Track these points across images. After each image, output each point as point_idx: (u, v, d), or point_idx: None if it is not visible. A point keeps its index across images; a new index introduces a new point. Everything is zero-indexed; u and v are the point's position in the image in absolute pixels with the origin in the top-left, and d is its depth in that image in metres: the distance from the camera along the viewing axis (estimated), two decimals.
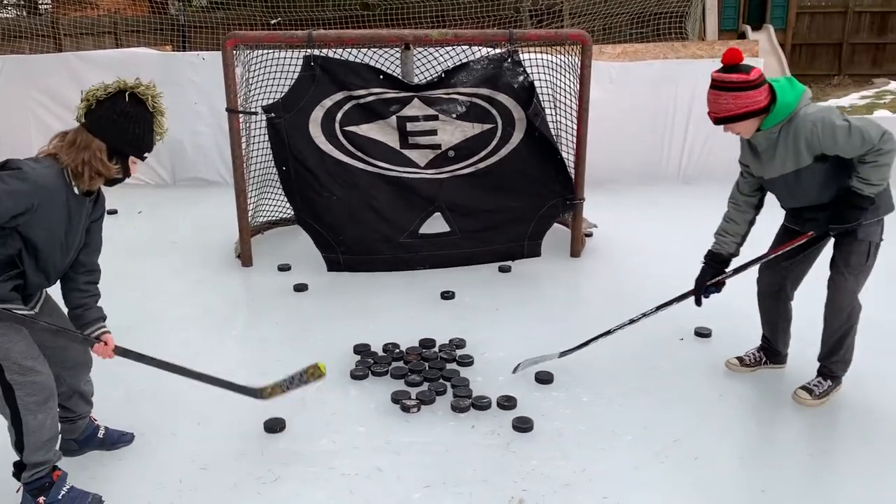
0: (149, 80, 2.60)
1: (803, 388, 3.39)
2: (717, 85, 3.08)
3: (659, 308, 3.59)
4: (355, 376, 3.67)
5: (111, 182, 2.61)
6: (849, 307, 3.24)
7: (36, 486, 2.61)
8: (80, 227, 2.60)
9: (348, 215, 5.12)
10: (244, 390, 3.08)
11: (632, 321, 3.60)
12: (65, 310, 2.77)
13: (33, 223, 2.39)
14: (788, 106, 3.03)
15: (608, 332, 3.65)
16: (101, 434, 3.01)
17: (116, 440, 3.04)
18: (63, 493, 2.65)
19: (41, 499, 2.61)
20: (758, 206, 3.42)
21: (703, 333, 4.16)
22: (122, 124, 2.50)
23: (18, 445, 2.56)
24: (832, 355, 3.36)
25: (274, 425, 3.21)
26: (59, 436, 2.68)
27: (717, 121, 3.14)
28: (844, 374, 3.41)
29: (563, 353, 3.71)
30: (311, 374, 2.99)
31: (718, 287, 3.48)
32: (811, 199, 3.20)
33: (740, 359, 3.73)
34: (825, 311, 3.31)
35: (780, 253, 3.33)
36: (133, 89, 2.51)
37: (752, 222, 3.43)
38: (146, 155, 2.63)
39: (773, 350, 3.70)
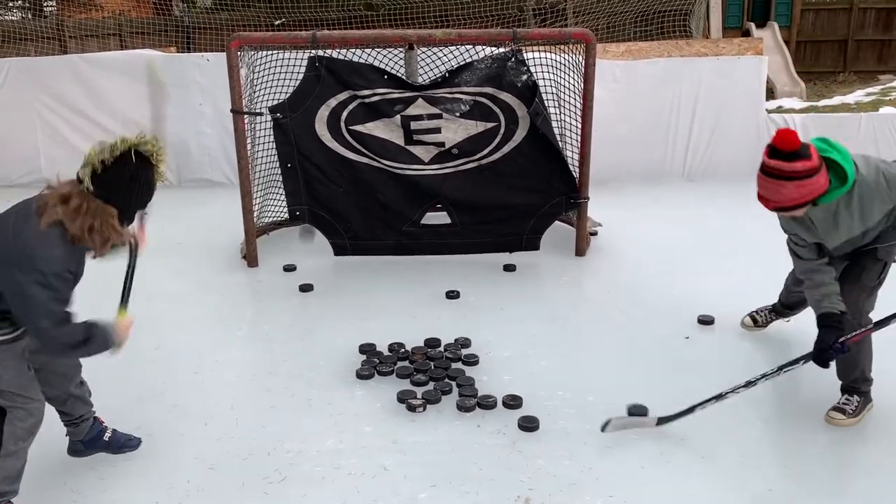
0: (149, 134, 2.55)
1: (835, 408, 3.26)
2: (777, 174, 2.80)
3: (782, 368, 3.21)
4: (361, 376, 3.68)
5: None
6: (854, 321, 3.13)
7: None
8: (83, 267, 2.58)
9: (354, 205, 5.26)
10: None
11: (749, 384, 3.21)
12: None
13: None
14: (852, 177, 2.86)
15: (719, 397, 3.21)
16: (107, 437, 2.98)
17: (122, 444, 3.02)
18: None
19: None
20: (830, 261, 3.20)
21: (706, 321, 4.18)
22: (134, 188, 2.45)
23: None
24: (849, 374, 3.28)
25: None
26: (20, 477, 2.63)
27: (777, 209, 2.94)
28: (869, 390, 3.31)
29: (660, 421, 3.21)
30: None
31: (845, 347, 3.05)
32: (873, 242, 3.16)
33: (753, 318, 3.96)
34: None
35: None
36: (137, 147, 2.44)
37: (836, 277, 3.17)
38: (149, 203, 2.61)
39: (785, 308, 3.91)
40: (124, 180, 2.42)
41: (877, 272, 3.14)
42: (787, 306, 3.93)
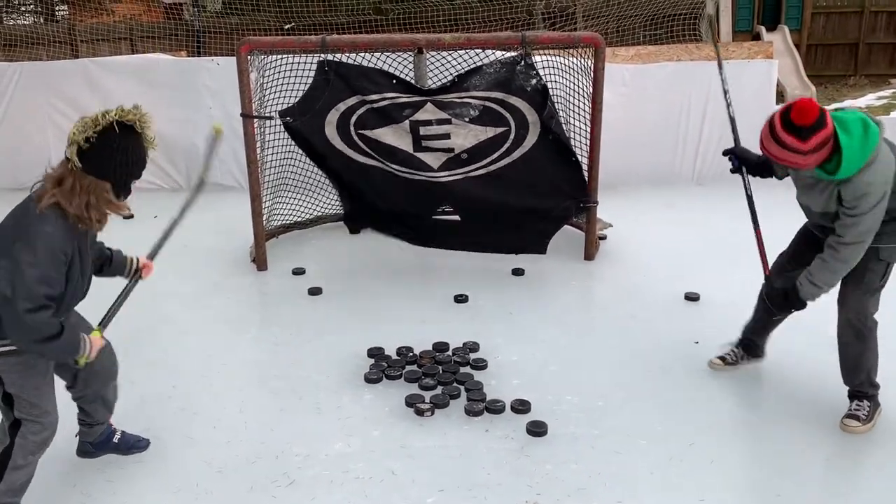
0: (131, 104, 2.53)
1: (849, 416, 3.24)
2: (772, 132, 2.86)
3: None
4: (369, 380, 3.68)
5: None
6: (858, 324, 3.15)
7: None
8: (89, 265, 2.60)
9: (367, 201, 5.34)
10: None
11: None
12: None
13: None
14: (850, 171, 2.83)
15: None
16: (116, 439, 3.01)
17: (131, 446, 3.04)
18: None
19: None
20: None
21: (692, 297, 4.43)
22: (123, 158, 2.42)
23: None
24: (854, 378, 3.26)
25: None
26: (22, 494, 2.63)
27: (772, 160, 3.02)
28: (878, 392, 3.29)
29: None
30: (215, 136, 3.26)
31: (736, 166, 3.54)
32: (822, 231, 3.18)
33: (723, 358, 3.73)
34: (837, 331, 3.24)
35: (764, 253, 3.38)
36: (121, 118, 2.42)
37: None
38: (143, 172, 2.58)
39: (753, 345, 3.70)
40: (111, 152, 2.39)
41: (879, 274, 3.11)
42: (754, 332, 3.70)
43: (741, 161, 3.54)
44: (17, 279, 2.28)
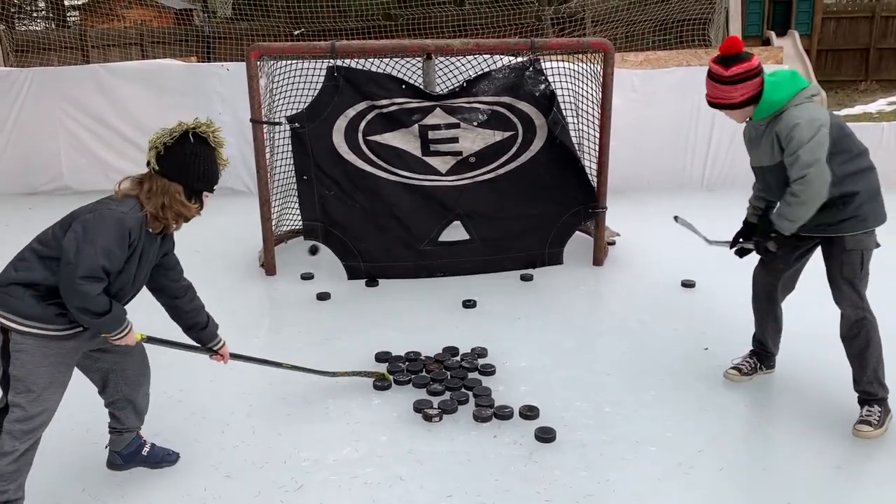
0: (206, 117, 2.72)
1: (861, 421, 3.22)
2: (710, 73, 3.13)
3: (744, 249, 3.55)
4: (377, 385, 3.68)
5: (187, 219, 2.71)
6: (855, 316, 3.17)
7: None
8: (148, 265, 2.70)
9: (370, 223, 5.18)
10: (317, 372, 3.58)
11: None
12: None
13: None
14: (774, 105, 3.07)
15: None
16: (145, 452, 2.98)
17: (160, 459, 3.02)
18: None
19: None
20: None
21: (688, 284, 4.60)
22: (194, 164, 2.60)
23: None
24: (861, 377, 3.25)
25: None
26: (22, 483, 2.59)
27: (710, 104, 3.22)
28: (888, 396, 3.27)
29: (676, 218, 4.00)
30: (378, 375, 3.71)
31: (741, 252, 3.55)
32: (779, 198, 3.22)
33: (738, 368, 3.69)
34: (840, 331, 3.25)
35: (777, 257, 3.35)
36: (195, 129, 2.59)
37: (770, 205, 3.40)
38: (215, 188, 2.73)
39: (764, 353, 3.69)
40: (184, 158, 2.58)
41: (856, 264, 3.15)
42: (762, 342, 3.69)
43: (744, 240, 3.51)
44: (83, 246, 2.41)
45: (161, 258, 2.79)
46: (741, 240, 3.50)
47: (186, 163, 2.58)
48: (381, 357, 3.95)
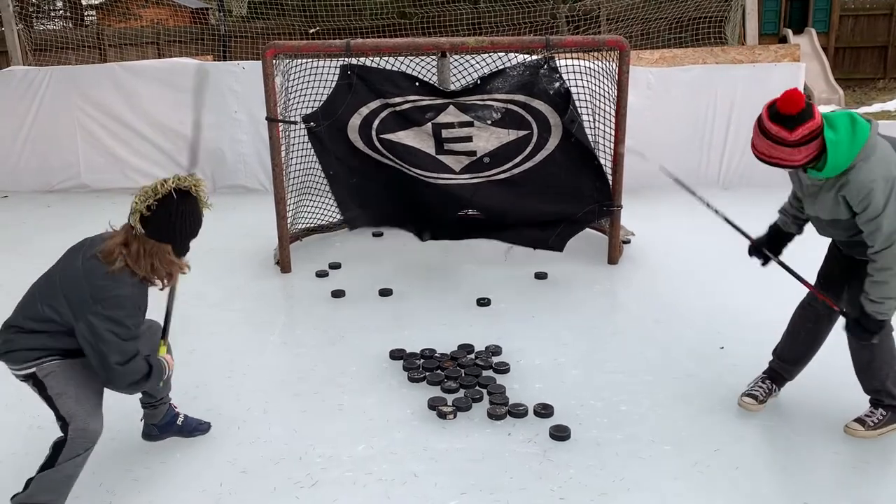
0: (184, 172, 2.73)
1: (857, 419, 3.18)
2: (759, 125, 2.80)
3: (727, 220, 3.54)
4: (412, 379, 3.70)
5: None
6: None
7: None
8: (147, 300, 2.76)
9: (389, 201, 5.32)
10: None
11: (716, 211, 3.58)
12: None
13: None
14: (837, 168, 2.75)
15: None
16: (179, 421, 3.14)
17: (194, 428, 3.19)
18: None
19: None
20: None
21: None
22: (181, 223, 2.61)
23: (47, 465, 2.62)
24: (868, 383, 3.20)
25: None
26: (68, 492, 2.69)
27: (761, 160, 2.90)
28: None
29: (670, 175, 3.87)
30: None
31: (765, 259, 3.35)
32: (844, 245, 3.08)
33: (753, 396, 3.40)
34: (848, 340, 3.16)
35: (824, 296, 3.17)
36: (178, 186, 2.58)
37: (803, 223, 3.27)
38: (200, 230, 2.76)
39: (783, 375, 3.45)
40: (170, 218, 2.57)
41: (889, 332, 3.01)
42: (784, 360, 3.45)
43: (766, 249, 3.35)
44: (103, 347, 2.51)
45: None
46: (764, 253, 3.31)
47: (173, 223, 2.59)
48: (396, 354, 3.96)
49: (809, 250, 3.33)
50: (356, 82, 4.99)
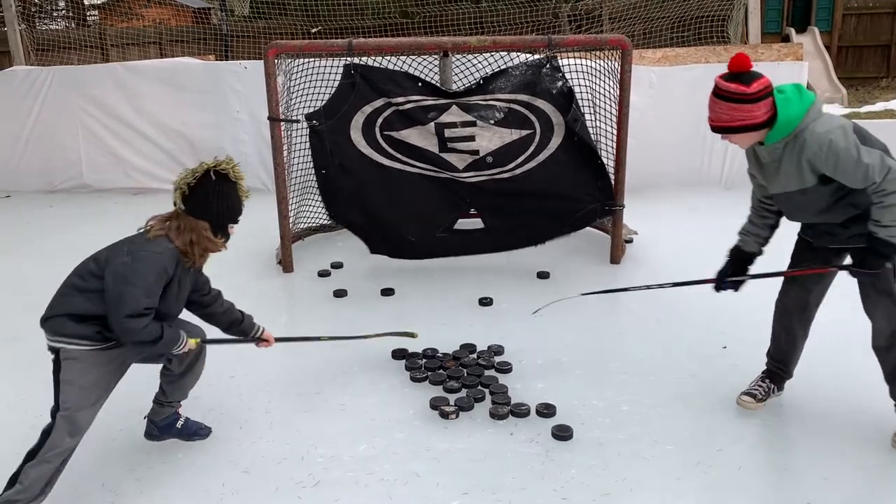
0: (225, 155, 2.92)
1: None
2: (715, 91, 2.90)
3: (675, 285, 3.62)
4: (414, 379, 3.71)
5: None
6: (889, 328, 3.04)
7: None
8: (186, 290, 2.91)
9: (387, 213, 5.26)
10: (351, 337, 3.80)
11: (647, 287, 3.65)
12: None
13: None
14: (791, 122, 2.82)
15: (625, 290, 3.69)
16: (179, 424, 3.16)
17: (193, 432, 3.19)
18: None
19: None
20: (780, 212, 3.23)
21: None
22: (217, 201, 2.78)
23: (30, 455, 2.67)
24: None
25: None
26: (53, 484, 2.71)
27: (713, 129, 2.96)
28: None
29: (585, 294, 3.85)
30: (408, 334, 3.86)
31: (736, 286, 3.38)
32: (818, 219, 3.04)
33: (752, 395, 3.41)
34: (872, 343, 3.14)
35: (804, 274, 3.19)
36: (215, 167, 2.76)
37: (774, 226, 3.28)
38: (240, 218, 2.91)
39: (782, 374, 3.45)
40: (207, 197, 2.75)
41: (889, 274, 2.96)
42: (775, 359, 3.48)
43: (733, 276, 3.38)
44: (125, 289, 2.60)
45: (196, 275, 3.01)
46: (730, 281, 3.33)
47: (210, 201, 2.76)
48: (398, 354, 3.96)
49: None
50: (359, 82, 5.00)
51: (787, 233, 3.33)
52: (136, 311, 2.59)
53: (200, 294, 3.06)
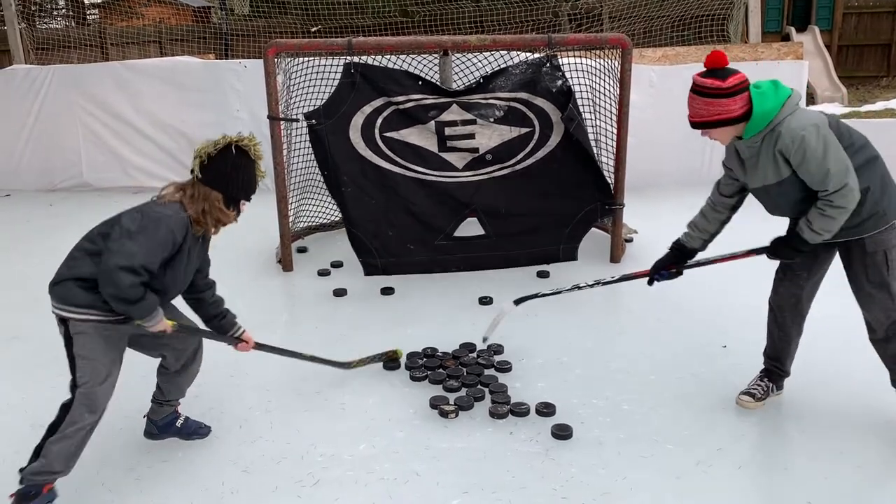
0: (248, 133, 2.92)
1: None
2: (693, 88, 2.99)
3: (615, 281, 3.72)
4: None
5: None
6: (888, 320, 3.04)
7: (25, 490, 2.67)
8: (194, 263, 2.90)
9: (386, 219, 5.19)
10: (335, 364, 3.63)
11: (589, 286, 3.72)
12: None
13: (168, 259, 2.71)
14: (766, 115, 2.88)
15: (575, 288, 3.74)
16: (179, 423, 3.17)
17: (193, 431, 3.20)
18: None
19: None
20: (734, 207, 3.34)
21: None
22: (234, 174, 2.79)
23: (51, 429, 2.69)
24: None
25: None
26: (77, 456, 2.74)
27: (692, 125, 3.04)
28: None
29: (517, 301, 3.88)
30: (390, 355, 3.80)
31: (672, 275, 3.51)
32: (795, 212, 3.07)
33: (751, 394, 3.42)
34: (869, 336, 3.15)
35: (738, 259, 3.35)
36: (237, 142, 2.78)
37: (724, 222, 3.37)
38: (252, 196, 2.90)
39: (779, 371, 3.46)
40: (225, 168, 2.77)
41: (881, 265, 2.97)
42: (771, 357, 3.50)
43: (664, 269, 3.55)
44: (127, 241, 2.58)
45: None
46: (665, 268, 3.48)
47: (227, 173, 2.77)
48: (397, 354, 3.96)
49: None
50: (359, 81, 4.99)
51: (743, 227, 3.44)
52: (129, 264, 2.54)
53: (201, 276, 3.05)
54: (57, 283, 2.69)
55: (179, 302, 3.04)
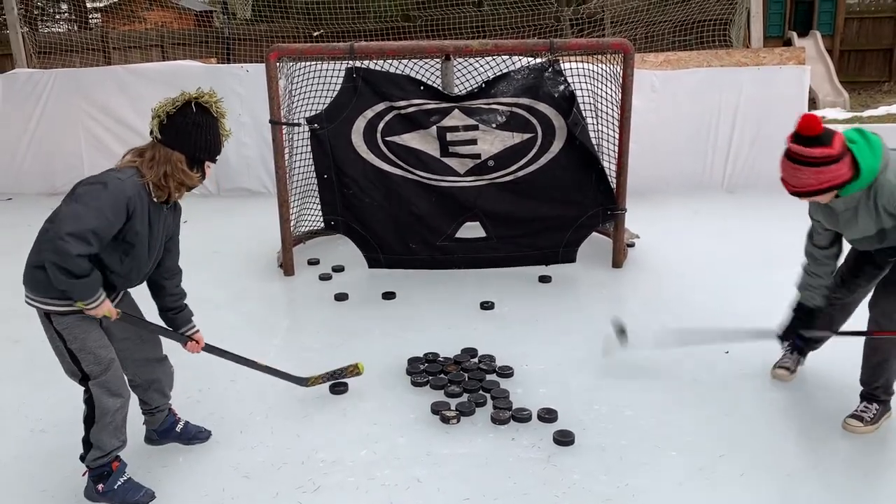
0: (208, 88, 2.75)
1: (853, 416, 3.22)
2: (796, 159, 2.79)
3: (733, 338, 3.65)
4: (415, 383, 3.69)
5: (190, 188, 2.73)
6: (887, 326, 3.09)
7: (97, 472, 2.73)
8: (160, 236, 2.74)
9: (388, 220, 5.23)
10: (291, 378, 3.47)
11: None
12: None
13: (124, 231, 2.56)
14: (873, 172, 2.79)
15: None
16: (178, 428, 3.16)
17: (193, 436, 3.18)
18: (120, 483, 2.75)
19: (100, 486, 2.73)
20: (837, 255, 3.26)
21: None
22: (196, 133, 2.63)
23: (88, 422, 2.70)
24: (871, 380, 3.23)
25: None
26: (124, 428, 2.77)
27: (797, 195, 2.90)
28: (889, 399, 3.26)
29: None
30: (350, 371, 3.61)
31: (808, 342, 3.43)
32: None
33: (786, 367, 3.61)
34: (880, 327, 3.17)
35: (887, 336, 3.16)
36: (197, 99, 2.64)
37: (833, 272, 3.30)
38: (217, 158, 2.76)
39: (806, 346, 3.57)
40: (186, 127, 2.62)
41: None
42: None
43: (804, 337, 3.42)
44: (77, 206, 2.44)
45: (167, 240, 2.83)
46: (799, 332, 3.36)
47: (188, 132, 2.62)
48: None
49: None
50: (361, 85, 4.99)
51: None
52: (79, 230, 2.39)
53: (171, 258, 2.91)
54: (27, 272, 2.63)
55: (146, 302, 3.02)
